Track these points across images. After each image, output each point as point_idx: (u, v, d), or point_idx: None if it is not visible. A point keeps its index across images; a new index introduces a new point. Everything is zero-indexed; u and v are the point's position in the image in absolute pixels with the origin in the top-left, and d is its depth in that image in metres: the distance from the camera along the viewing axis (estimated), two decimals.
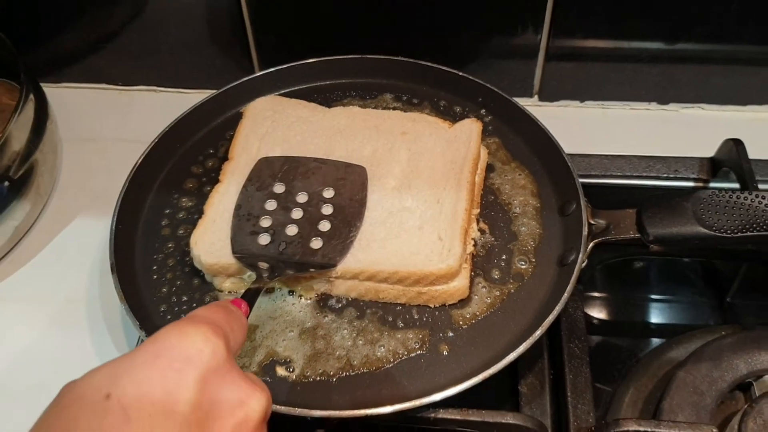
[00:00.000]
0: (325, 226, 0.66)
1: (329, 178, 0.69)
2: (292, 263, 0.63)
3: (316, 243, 0.64)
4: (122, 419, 0.39)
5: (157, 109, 0.95)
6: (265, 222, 0.66)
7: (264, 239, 0.65)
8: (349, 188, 0.69)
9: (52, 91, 0.85)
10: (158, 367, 0.41)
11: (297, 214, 0.67)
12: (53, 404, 0.42)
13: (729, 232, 0.64)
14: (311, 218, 0.66)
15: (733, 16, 0.82)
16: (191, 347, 0.42)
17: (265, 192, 0.68)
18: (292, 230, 0.65)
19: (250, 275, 0.65)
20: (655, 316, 0.82)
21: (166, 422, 0.40)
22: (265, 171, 0.70)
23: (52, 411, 0.41)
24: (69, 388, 0.42)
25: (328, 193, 0.68)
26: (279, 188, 0.68)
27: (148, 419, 0.39)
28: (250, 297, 0.55)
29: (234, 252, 0.64)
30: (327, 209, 0.67)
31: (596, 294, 0.83)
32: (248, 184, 0.69)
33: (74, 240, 0.82)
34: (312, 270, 0.64)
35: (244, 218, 0.66)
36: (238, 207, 0.67)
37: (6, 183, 0.76)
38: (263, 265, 0.62)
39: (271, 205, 0.67)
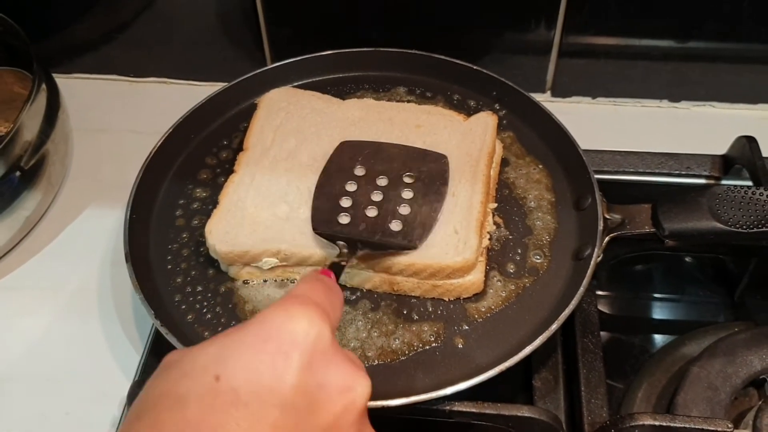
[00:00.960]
0: (405, 209, 0.66)
1: (410, 163, 0.70)
2: (370, 243, 0.63)
3: (396, 225, 0.65)
4: (234, 400, 0.39)
5: (168, 100, 0.95)
6: (346, 202, 0.66)
7: (344, 219, 0.65)
8: (428, 174, 0.69)
9: (63, 82, 0.85)
10: (267, 350, 0.41)
11: (377, 196, 0.67)
12: (160, 376, 0.42)
13: (745, 227, 0.64)
14: (391, 201, 0.66)
15: (745, 14, 0.82)
16: (298, 330, 0.42)
17: (346, 174, 0.69)
18: (372, 212, 0.66)
19: (265, 261, 0.65)
20: (665, 313, 0.82)
21: (275, 406, 0.40)
22: (346, 154, 0.71)
23: (161, 381, 0.41)
24: (173, 362, 0.42)
25: (409, 179, 0.68)
26: (360, 171, 0.69)
27: (259, 402, 0.39)
28: (335, 270, 0.54)
29: (314, 229, 0.65)
30: (407, 194, 0.67)
31: (607, 291, 0.83)
32: (329, 166, 0.70)
33: (85, 230, 0.81)
34: (390, 250, 0.64)
35: (325, 198, 0.67)
36: (320, 186, 0.68)
37: (17, 173, 0.75)
38: (341, 243, 0.63)
39: (351, 186, 0.68)
